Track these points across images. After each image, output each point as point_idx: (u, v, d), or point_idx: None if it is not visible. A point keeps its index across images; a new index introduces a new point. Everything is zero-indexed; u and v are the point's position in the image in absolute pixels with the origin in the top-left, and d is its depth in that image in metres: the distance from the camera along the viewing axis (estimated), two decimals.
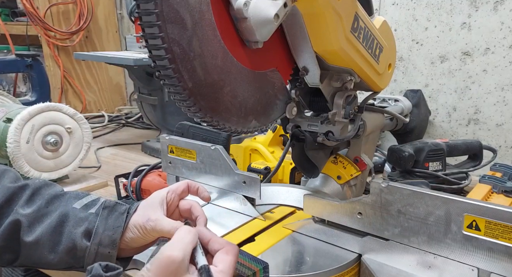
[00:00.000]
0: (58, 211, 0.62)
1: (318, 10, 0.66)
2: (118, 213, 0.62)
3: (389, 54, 0.88)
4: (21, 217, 0.61)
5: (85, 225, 0.61)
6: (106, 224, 0.61)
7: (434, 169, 1.15)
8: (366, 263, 0.67)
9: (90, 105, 2.31)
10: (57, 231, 0.61)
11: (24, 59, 1.85)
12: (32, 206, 0.63)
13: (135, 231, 0.62)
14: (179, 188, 0.68)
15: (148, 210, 0.63)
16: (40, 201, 0.63)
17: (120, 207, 0.63)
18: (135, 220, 0.62)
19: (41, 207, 0.63)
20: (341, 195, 0.93)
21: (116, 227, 0.61)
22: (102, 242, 0.61)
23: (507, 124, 1.34)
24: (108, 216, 0.62)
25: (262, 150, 1.16)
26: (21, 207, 0.62)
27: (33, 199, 0.64)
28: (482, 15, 1.31)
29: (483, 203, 0.57)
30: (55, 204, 0.64)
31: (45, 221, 0.62)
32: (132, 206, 0.64)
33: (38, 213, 0.62)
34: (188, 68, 0.56)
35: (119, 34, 2.39)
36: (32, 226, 0.61)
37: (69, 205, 0.63)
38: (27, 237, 0.61)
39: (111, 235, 0.61)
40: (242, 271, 0.56)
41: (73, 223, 0.62)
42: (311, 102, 0.87)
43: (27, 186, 0.65)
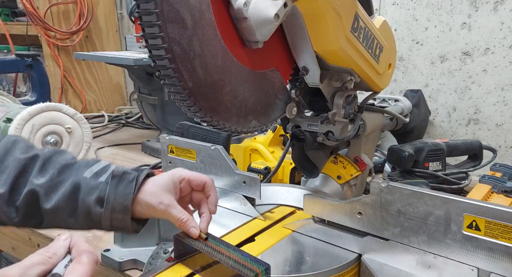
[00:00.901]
0: (70, 180, 0.65)
1: (318, 10, 0.66)
2: (127, 182, 0.65)
3: (389, 54, 0.88)
4: (36, 187, 0.64)
5: (96, 193, 0.64)
6: (116, 192, 0.64)
7: (434, 169, 1.15)
8: (366, 263, 0.67)
9: (90, 105, 2.30)
10: (72, 199, 0.64)
11: (24, 59, 1.85)
12: (45, 175, 0.65)
13: (145, 207, 0.64)
14: (195, 181, 0.69)
15: (161, 191, 0.65)
16: (52, 171, 0.66)
17: (128, 175, 0.65)
18: (147, 198, 0.65)
19: (54, 177, 0.65)
20: (341, 195, 0.93)
21: (126, 194, 0.64)
22: (114, 208, 0.63)
23: (507, 124, 1.34)
24: (118, 184, 0.64)
25: (262, 150, 1.16)
26: (35, 177, 0.65)
27: (45, 168, 0.66)
28: (482, 15, 1.31)
29: (483, 203, 0.57)
30: (66, 173, 0.66)
31: (60, 189, 0.64)
32: (140, 174, 0.66)
33: (52, 182, 0.65)
34: (188, 68, 0.56)
35: (119, 34, 2.39)
36: (48, 195, 0.64)
37: (79, 174, 0.66)
38: (46, 205, 0.64)
39: (122, 202, 0.63)
40: (244, 272, 0.56)
41: (86, 191, 0.64)
42: (311, 102, 0.87)
43: (37, 156, 0.67)
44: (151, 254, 0.82)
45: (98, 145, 1.67)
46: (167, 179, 0.67)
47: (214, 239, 0.65)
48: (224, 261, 0.59)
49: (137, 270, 0.82)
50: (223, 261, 0.59)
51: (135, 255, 0.83)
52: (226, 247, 0.63)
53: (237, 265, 0.57)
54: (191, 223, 0.65)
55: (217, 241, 0.65)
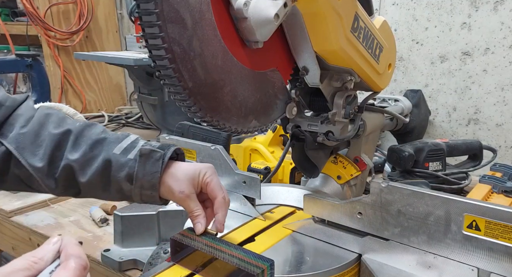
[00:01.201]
0: (102, 156, 0.68)
1: (318, 10, 0.66)
2: (154, 160, 0.67)
3: (389, 54, 0.88)
4: (71, 162, 0.67)
5: (126, 170, 0.67)
6: (144, 169, 0.67)
7: (434, 169, 1.15)
8: (366, 263, 0.67)
9: (90, 105, 2.30)
10: (104, 174, 0.67)
11: (24, 59, 1.85)
12: (79, 150, 0.68)
13: (167, 190, 0.67)
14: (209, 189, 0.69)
15: (185, 180, 0.68)
16: (84, 146, 0.68)
17: (155, 153, 0.68)
18: (171, 182, 0.67)
19: (86, 152, 0.68)
20: (341, 195, 0.93)
21: (153, 173, 0.66)
22: (143, 185, 0.67)
23: (507, 124, 1.34)
24: (145, 162, 0.67)
25: (262, 150, 1.16)
26: (69, 152, 0.68)
27: (78, 142, 0.69)
28: (482, 15, 1.31)
29: (483, 203, 0.57)
30: (98, 148, 0.69)
31: (93, 164, 0.68)
32: (167, 152, 0.68)
33: (85, 157, 0.68)
34: (188, 68, 0.56)
35: (119, 34, 2.39)
36: (83, 169, 0.68)
37: (110, 150, 0.68)
38: (81, 178, 0.68)
39: (150, 179, 0.66)
40: (251, 269, 0.56)
41: (116, 168, 0.67)
42: (311, 102, 0.87)
43: (70, 131, 0.70)
44: (151, 254, 0.82)
45: None
46: (194, 171, 0.69)
47: (213, 238, 0.65)
48: (228, 260, 0.59)
49: (137, 270, 0.82)
50: (227, 259, 0.59)
51: (135, 255, 0.83)
52: (227, 245, 0.63)
53: (242, 263, 0.58)
54: (201, 219, 0.67)
55: (217, 240, 0.65)
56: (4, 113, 0.69)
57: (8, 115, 0.69)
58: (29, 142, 0.68)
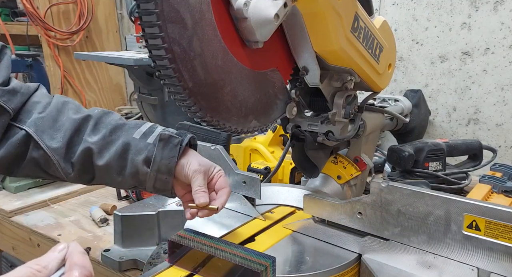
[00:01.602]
0: (121, 140, 0.70)
1: (318, 10, 0.66)
2: (172, 145, 0.70)
3: (389, 54, 0.88)
4: (90, 144, 0.69)
5: (144, 154, 0.69)
6: (163, 153, 0.69)
7: (434, 169, 1.15)
8: (366, 263, 0.67)
9: (90, 105, 2.30)
10: (122, 157, 0.69)
11: (24, 59, 1.85)
12: (98, 134, 0.70)
13: (184, 166, 0.69)
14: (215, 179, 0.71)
15: (201, 164, 0.70)
16: (104, 130, 0.71)
17: (174, 139, 0.70)
18: (191, 158, 0.70)
19: (106, 136, 0.70)
20: (341, 195, 0.93)
21: (171, 157, 0.69)
22: (160, 169, 0.69)
23: (507, 124, 1.34)
24: (164, 147, 0.69)
25: (262, 150, 1.16)
26: (89, 136, 0.70)
27: (98, 127, 0.71)
28: (482, 15, 1.31)
29: (483, 203, 0.57)
30: (117, 133, 0.71)
31: (111, 148, 0.70)
32: (184, 138, 0.71)
33: (104, 141, 0.70)
34: (188, 68, 0.57)
35: (119, 34, 2.39)
36: (101, 152, 0.70)
37: (129, 134, 0.71)
38: (98, 161, 0.69)
39: (167, 163, 0.69)
40: (254, 267, 0.57)
41: (135, 151, 0.69)
42: (311, 102, 0.87)
43: (90, 117, 0.72)
44: (151, 254, 0.82)
45: None
46: (208, 163, 0.72)
47: (212, 238, 0.65)
48: (230, 258, 0.59)
49: (137, 270, 0.82)
50: (229, 258, 0.59)
51: (135, 255, 0.83)
52: (227, 245, 0.63)
53: (244, 261, 0.58)
54: (205, 196, 0.67)
55: (216, 240, 0.65)
56: (21, 99, 0.72)
57: (24, 101, 0.72)
58: (47, 126, 0.70)
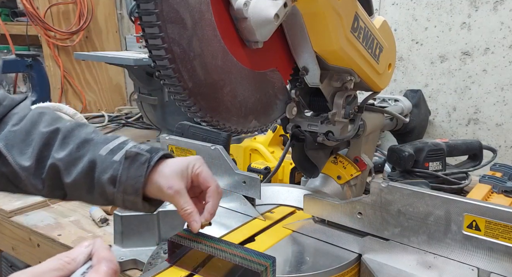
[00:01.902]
0: (87, 157, 0.65)
1: (318, 10, 0.66)
2: (139, 163, 0.64)
3: (389, 54, 0.88)
4: (57, 161, 0.65)
5: (110, 173, 0.64)
6: (128, 173, 0.63)
7: (434, 169, 1.15)
8: (366, 263, 0.67)
9: (90, 105, 2.30)
10: (89, 176, 0.65)
11: (24, 59, 1.85)
12: (65, 150, 0.66)
13: (155, 188, 0.64)
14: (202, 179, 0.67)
15: (174, 176, 0.64)
16: (71, 145, 0.66)
17: (141, 157, 0.64)
18: (159, 180, 0.64)
19: (73, 151, 0.66)
20: (341, 195, 0.93)
21: (137, 177, 0.63)
22: (126, 190, 0.63)
23: (507, 124, 1.34)
24: (130, 165, 0.64)
25: (262, 150, 1.16)
26: (55, 151, 0.66)
27: (66, 142, 0.66)
28: (482, 15, 1.31)
29: (483, 203, 0.57)
30: (85, 148, 0.66)
31: (78, 165, 0.65)
32: (154, 156, 0.65)
33: (71, 157, 0.65)
34: (188, 68, 0.57)
35: (119, 34, 2.39)
36: (68, 169, 0.65)
37: (96, 151, 0.66)
38: (66, 179, 0.65)
39: (133, 184, 0.63)
40: (254, 267, 0.56)
41: (100, 169, 0.64)
42: (311, 102, 0.87)
43: (59, 130, 0.67)
44: (151, 254, 0.82)
45: None
46: (182, 164, 0.66)
47: (212, 238, 0.65)
48: (230, 259, 0.59)
49: (137, 270, 0.82)
50: (229, 258, 0.59)
51: (135, 255, 0.83)
52: (227, 245, 0.63)
53: (244, 261, 0.58)
54: (195, 216, 0.63)
55: (216, 240, 0.65)
56: (1, 111, 0.68)
57: (4, 114, 0.68)
58: (19, 140, 0.66)
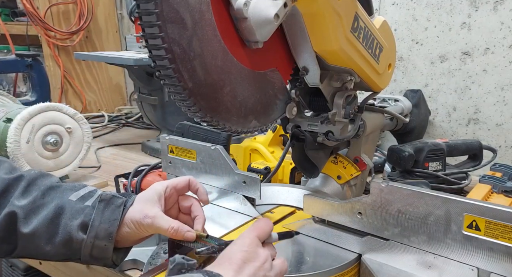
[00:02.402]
0: (54, 203, 0.62)
1: (318, 10, 0.66)
2: (115, 206, 0.62)
3: (389, 54, 0.88)
4: (16, 208, 0.61)
5: (81, 218, 0.61)
6: (103, 217, 0.61)
7: (434, 169, 1.15)
8: (366, 263, 0.67)
9: (90, 105, 2.30)
10: (54, 223, 0.61)
11: (24, 59, 1.85)
12: (28, 197, 0.62)
13: (131, 226, 0.62)
14: (179, 184, 0.68)
15: (145, 205, 0.63)
16: (36, 192, 0.63)
17: (117, 200, 0.63)
18: (132, 215, 0.62)
19: (37, 199, 0.62)
20: (341, 195, 0.93)
21: (112, 220, 0.61)
22: (98, 235, 0.61)
23: (507, 124, 1.34)
24: (105, 209, 0.62)
25: (262, 150, 1.16)
26: (16, 198, 0.62)
27: (29, 190, 0.63)
28: (482, 15, 1.31)
29: (483, 203, 0.57)
30: (51, 195, 0.63)
31: (41, 212, 0.61)
32: (129, 199, 0.64)
33: (34, 204, 0.62)
34: (188, 68, 0.56)
35: (119, 34, 2.39)
36: (28, 218, 0.61)
37: (65, 197, 0.63)
38: (23, 229, 0.60)
39: (107, 228, 0.61)
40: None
41: (69, 215, 0.61)
42: (311, 102, 0.87)
43: (22, 177, 0.64)
44: (151, 254, 0.82)
45: (98, 145, 1.67)
46: (149, 193, 0.65)
47: (212, 239, 0.65)
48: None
49: (137, 270, 0.82)
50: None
51: (135, 255, 0.83)
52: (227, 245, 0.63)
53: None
54: (184, 228, 0.62)
55: (216, 240, 0.65)
56: None
57: None
58: None
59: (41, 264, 0.99)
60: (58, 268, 0.95)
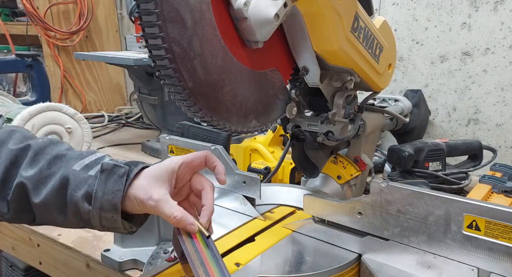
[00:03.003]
0: (60, 173, 0.60)
1: (318, 10, 0.66)
2: (117, 176, 0.58)
3: (389, 54, 0.88)
4: (24, 179, 0.59)
5: (84, 189, 0.58)
6: (105, 188, 0.58)
7: (434, 169, 1.15)
8: (366, 263, 0.67)
9: (90, 105, 2.30)
10: (61, 194, 0.59)
11: (24, 59, 1.85)
12: (35, 167, 0.60)
13: (134, 203, 0.58)
14: (195, 161, 0.64)
15: (152, 184, 0.59)
16: (42, 162, 0.61)
17: (119, 169, 0.59)
18: (136, 192, 0.58)
19: (43, 169, 0.60)
20: (341, 195, 0.93)
21: (115, 191, 0.57)
22: (103, 206, 0.58)
23: (507, 124, 1.34)
24: (107, 179, 0.58)
25: (262, 150, 1.16)
26: (24, 169, 0.60)
27: (37, 159, 0.61)
28: (482, 15, 1.31)
29: (483, 203, 0.57)
30: (57, 165, 0.61)
31: (49, 183, 0.59)
32: (134, 168, 0.60)
33: (41, 174, 0.60)
34: (188, 68, 0.56)
35: (119, 34, 2.39)
36: (37, 188, 0.59)
37: (69, 166, 0.60)
38: (35, 199, 0.59)
39: (111, 199, 0.57)
40: None
41: (74, 186, 0.59)
42: (311, 102, 0.87)
43: (29, 147, 0.62)
44: (151, 254, 0.82)
45: (98, 145, 1.67)
46: (160, 169, 0.61)
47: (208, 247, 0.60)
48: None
49: (137, 270, 0.82)
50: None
51: (135, 255, 0.83)
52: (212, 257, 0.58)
53: None
54: (188, 219, 0.58)
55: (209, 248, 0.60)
56: None
57: None
58: None
59: (41, 264, 1.00)
60: (58, 268, 0.95)
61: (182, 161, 0.62)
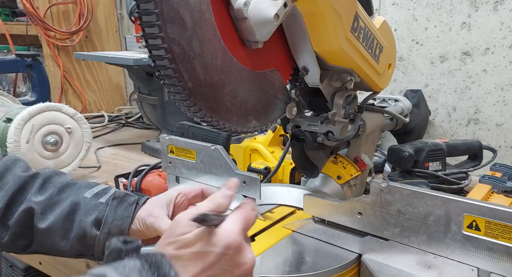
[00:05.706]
0: (70, 200, 0.64)
1: (318, 10, 0.66)
2: (127, 204, 0.64)
3: (389, 54, 0.88)
4: (34, 204, 0.63)
5: (95, 214, 0.63)
6: (115, 214, 0.63)
7: (434, 169, 1.15)
8: (366, 263, 0.67)
9: (90, 105, 2.30)
10: (69, 219, 0.63)
11: (24, 59, 1.85)
12: (44, 194, 0.64)
13: (136, 223, 0.64)
14: (191, 193, 0.69)
15: (153, 206, 0.65)
16: (52, 189, 0.65)
17: (130, 198, 0.65)
18: (140, 213, 0.64)
19: (53, 195, 0.64)
20: (341, 195, 0.93)
21: (124, 217, 0.63)
22: (111, 231, 0.62)
23: (507, 124, 1.34)
24: (118, 206, 0.64)
25: (262, 150, 1.16)
26: (33, 195, 0.64)
27: (45, 187, 0.65)
28: (482, 15, 1.31)
29: (483, 203, 0.57)
30: (66, 193, 0.65)
31: (57, 209, 0.63)
32: (142, 198, 0.66)
33: (50, 200, 0.64)
34: (188, 68, 0.56)
35: (119, 34, 2.39)
36: (44, 213, 0.63)
37: (80, 194, 0.65)
38: (40, 224, 0.63)
39: (119, 225, 0.63)
40: None
41: (84, 211, 0.63)
42: (311, 102, 0.87)
43: (38, 174, 0.66)
44: None
45: (98, 145, 1.67)
46: (161, 196, 0.68)
47: None
48: None
49: None
50: None
51: None
52: None
53: None
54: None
55: None
56: None
57: None
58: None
59: (41, 264, 0.99)
60: (58, 268, 0.95)
61: (180, 192, 0.68)
